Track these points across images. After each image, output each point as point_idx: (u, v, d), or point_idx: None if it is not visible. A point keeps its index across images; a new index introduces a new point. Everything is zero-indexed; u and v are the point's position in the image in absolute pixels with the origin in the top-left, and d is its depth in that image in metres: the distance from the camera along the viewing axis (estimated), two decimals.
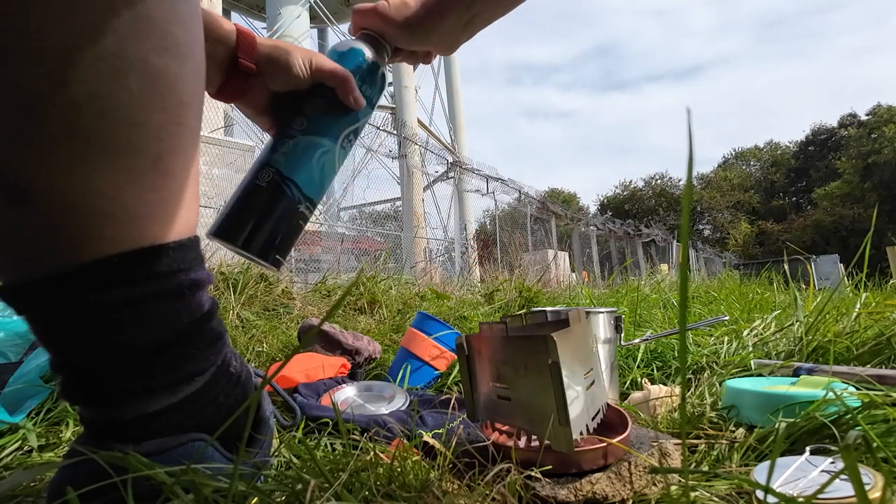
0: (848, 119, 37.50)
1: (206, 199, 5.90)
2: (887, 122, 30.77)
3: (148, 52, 0.40)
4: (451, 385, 1.19)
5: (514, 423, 0.62)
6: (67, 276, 0.41)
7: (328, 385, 1.11)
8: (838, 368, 0.90)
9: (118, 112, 0.39)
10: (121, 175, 0.40)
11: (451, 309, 2.41)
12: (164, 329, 0.45)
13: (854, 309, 1.28)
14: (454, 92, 15.17)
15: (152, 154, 0.42)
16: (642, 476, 0.55)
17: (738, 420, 0.77)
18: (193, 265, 0.48)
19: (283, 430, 0.78)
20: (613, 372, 1.00)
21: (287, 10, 11.64)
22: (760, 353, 1.20)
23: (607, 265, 15.92)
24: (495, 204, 11.19)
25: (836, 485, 0.46)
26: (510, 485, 0.50)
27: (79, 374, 0.44)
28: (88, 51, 0.37)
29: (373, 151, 8.87)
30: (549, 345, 0.52)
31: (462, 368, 0.66)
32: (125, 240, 0.42)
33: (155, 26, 0.40)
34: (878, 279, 2.94)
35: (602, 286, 6.07)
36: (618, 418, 0.65)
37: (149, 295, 0.44)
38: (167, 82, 0.42)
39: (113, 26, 0.38)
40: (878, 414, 0.64)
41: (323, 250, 7.78)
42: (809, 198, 37.54)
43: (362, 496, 0.46)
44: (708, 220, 40.62)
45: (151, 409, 0.45)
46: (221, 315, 1.87)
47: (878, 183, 29.95)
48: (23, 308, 0.43)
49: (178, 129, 0.43)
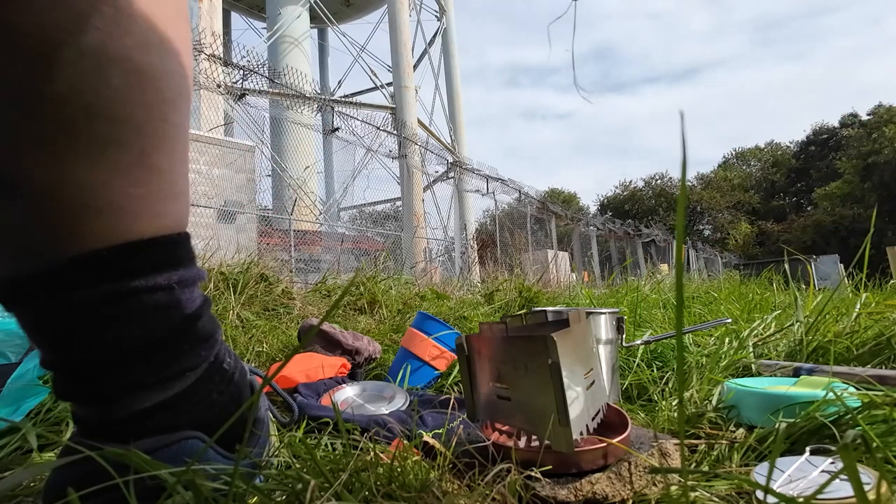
0: (849, 119, 37.48)
1: (206, 199, 5.90)
2: (887, 123, 30.74)
3: (130, 48, 0.40)
4: (451, 385, 1.19)
5: (514, 424, 0.62)
6: (55, 271, 0.41)
7: (328, 385, 1.11)
8: (838, 369, 0.90)
9: (101, 107, 0.40)
10: (106, 170, 0.41)
11: (451, 309, 2.41)
12: (153, 325, 0.45)
13: (854, 309, 1.28)
14: (454, 92, 15.18)
15: (136, 150, 0.42)
16: (642, 476, 0.55)
17: (738, 420, 0.77)
18: (183, 261, 0.48)
19: (283, 429, 0.78)
20: (615, 373, 1.00)
21: (287, 10, 11.64)
22: (760, 354, 1.20)
23: (607, 265, 15.93)
24: (495, 204, 11.20)
25: (836, 485, 0.46)
26: (510, 485, 0.50)
27: (69, 370, 0.44)
28: (71, 46, 0.37)
29: (373, 151, 8.87)
30: (549, 345, 0.52)
31: (462, 368, 0.66)
32: (112, 234, 0.42)
33: (137, 23, 0.41)
34: (878, 279, 2.94)
35: (602, 286, 6.07)
36: (618, 418, 0.65)
37: (137, 290, 0.44)
38: (150, 79, 0.42)
39: (95, 23, 0.38)
40: (878, 414, 0.64)
41: (323, 250, 7.79)
42: (809, 198, 37.53)
43: (362, 496, 0.46)
44: (708, 221, 40.63)
45: (143, 405, 0.45)
46: (221, 315, 1.87)
47: (878, 183, 29.94)
48: (12, 304, 0.43)
49: (162, 126, 0.44)
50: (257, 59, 6.98)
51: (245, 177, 6.39)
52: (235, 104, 7.19)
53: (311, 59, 12.94)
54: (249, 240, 6.01)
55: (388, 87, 12.97)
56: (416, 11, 14.41)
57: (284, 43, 11.45)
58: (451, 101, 15.11)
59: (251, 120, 7.57)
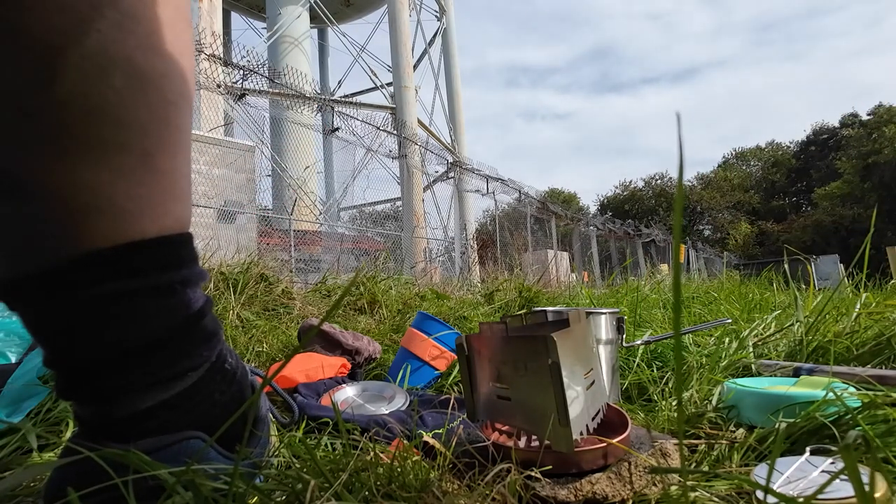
0: (849, 119, 37.45)
1: (206, 199, 5.90)
2: (887, 123, 30.72)
3: (132, 50, 0.40)
4: (451, 385, 1.19)
5: (514, 423, 0.62)
6: (58, 271, 0.41)
7: (328, 385, 1.11)
8: (838, 369, 0.90)
9: (104, 110, 0.40)
10: (109, 171, 0.41)
11: (451, 309, 2.41)
12: (155, 325, 0.45)
13: (854, 309, 1.28)
14: (454, 92, 15.18)
15: (139, 151, 0.42)
16: (642, 476, 0.55)
17: (739, 420, 0.77)
18: (185, 261, 0.48)
19: (283, 429, 0.78)
20: (615, 373, 1.00)
21: (287, 10, 11.64)
22: (760, 354, 1.20)
23: (607, 265, 15.93)
24: (495, 204, 11.20)
25: (836, 485, 0.46)
26: (510, 485, 0.50)
27: (72, 369, 0.44)
28: (75, 49, 0.38)
29: (373, 151, 8.88)
30: (549, 345, 0.52)
31: (462, 368, 0.66)
32: (115, 234, 0.42)
33: (139, 26, 0.41)
34: (878, 279, 2.94)
35: (602, 286, 6.07)
36: (618, 418, 0.65)
37: (139, 290, 0.44)
38: (152, 81, 0.42)
39: (97, 26, 0.38)
40: (878, 414, 0.64)
41: (323, 250, 7.79)
42: (809, 198, 37.50)
43: (362, 496, 0.46)
44: (708, 221, 40.61)
45: (144, 405, 0.45)
46: (221, 315, 1.87)
47: (878, 183, 29.92)
48: (15, 303, 0.43)
49: (164, 127, 0.44)
50: (257, 59, 6.98)
51: (245, 177, 6.39)
52: (235, 104, 7.19)
53: (311, 59, 12.94)
54: (249, 240, 6.01)
55: (388, 87, 12.97)
56: (416, 11, 14.41)
57: (284, 43, 11.45)
58: (451, 101, 15.11)
59: (251, 120, 7.58)
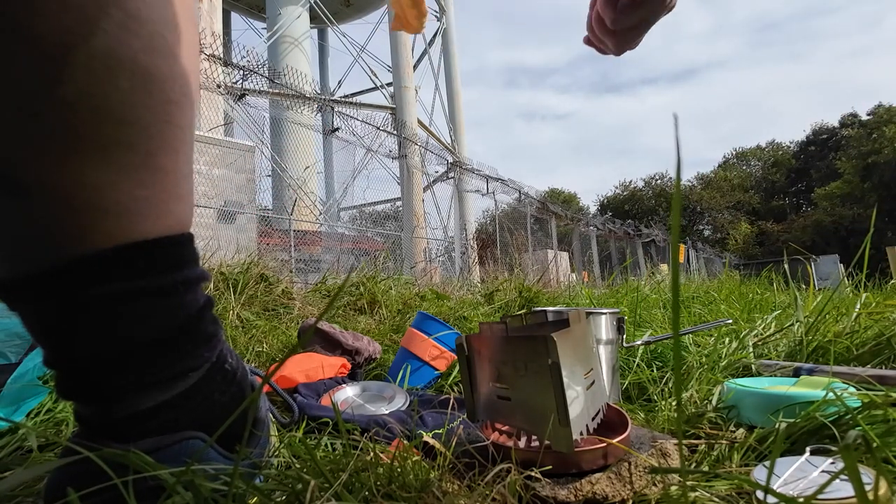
0: (849, 119, 37.44)
1: (206, 199, 5.89)
2: (887, 123, 30.71)
3: (137, 51, 0.41)
4: (451, 385, 1.19)
5: (514, 423, 0.62)
6: (60, 270, 0.41)
7: (328, 385, 1.11)
8: (838, 369, 0.90)
9: (109, 110, 0.40)
10: (113, 171, 0.41)
11: (451, 309, 2.41)
12: (156, 325, 0.45)
13: (854, 309, 1.28)
14: (454, 92, 15.17)
15: (143, 151, 0.43)
16: (642, 476, 0.55)
17: (738, 420, 0.77)
18: (187, 261, 0.48)
19: (283, 430, 0.78)
20: (615, 373, 1.00)
21: (287, 10, 11.64)
22: (760, 354, 1.20)
23: (607, 265, 15.93)
24: (495, 204, 11.20)
25: (836, 485, 0.46)
26: (510, 485, 0.50)
27: (72, 369, 0.45)
28: (81, 49, 0.38)
29: (373, 151, 8.88)
30: (549, 345, 0.52)
31: (462, 368, 0.66)
32: (117, 234, 0.42)
33: (144, 27, 0.41)
34: (878, 279, 2.94)
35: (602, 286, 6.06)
36: (618, 418, 0.65)
37: (141, 290, 0.44)
38: (157, 81, 0.42)
39: (104, 26, 0.38)
40: (878, 414, 0.64)
41: (323, 250, 7.79)
42: (809, 198, 37.48)
43: (362, 496, 0.46)
44: (708, 221, 40.60)
45: (145, 405, 0.45)
46: (221, 315, 1.87)
47: (878, 183, 29.92)
48: (16, 302, 0.43)
49: (168, 128, 0.44)
50: (257, 60, 6.98)
51: (245, 177, 6.39)
52: (235, 104, 7.19)
53: (311, 59, 12.94)
54: (249, 240, 6.01)
55: (388, 88, 12.98)
56: None
57: (284, 43, 11.45)
58: (450, 101, 15.11)
59: (251, 120, 7.57)
